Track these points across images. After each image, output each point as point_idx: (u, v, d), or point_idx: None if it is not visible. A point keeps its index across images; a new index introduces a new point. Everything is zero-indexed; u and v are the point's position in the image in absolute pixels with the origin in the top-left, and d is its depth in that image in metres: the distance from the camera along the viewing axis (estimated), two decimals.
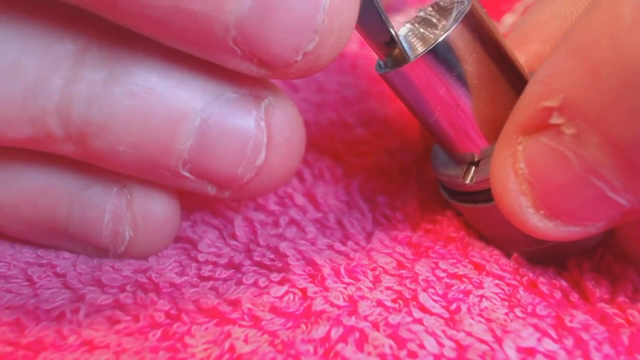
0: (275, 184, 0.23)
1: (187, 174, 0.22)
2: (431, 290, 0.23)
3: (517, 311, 0.22)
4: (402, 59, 0.23)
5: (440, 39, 0.22)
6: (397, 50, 0.23)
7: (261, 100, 0.22)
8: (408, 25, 0.24)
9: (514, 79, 0.23)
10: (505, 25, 0.35)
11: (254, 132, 0.22)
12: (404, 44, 0.23)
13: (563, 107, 0.19)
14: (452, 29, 0.22)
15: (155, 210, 0.24)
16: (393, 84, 0.23)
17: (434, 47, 0.22)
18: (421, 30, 0.24)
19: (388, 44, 0.23)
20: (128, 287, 0.24)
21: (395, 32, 0.23)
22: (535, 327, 0.21)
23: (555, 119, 0.19)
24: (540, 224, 0.21)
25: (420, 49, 0.23)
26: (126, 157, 0.22)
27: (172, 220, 0.25)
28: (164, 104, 0.21)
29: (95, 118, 0.21)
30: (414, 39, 0.24)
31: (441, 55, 0.22)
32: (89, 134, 0.21)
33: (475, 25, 0.22)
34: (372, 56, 0.36)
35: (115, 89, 0.21)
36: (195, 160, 0.22)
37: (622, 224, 0.21)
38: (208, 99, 0.21)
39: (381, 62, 0.24)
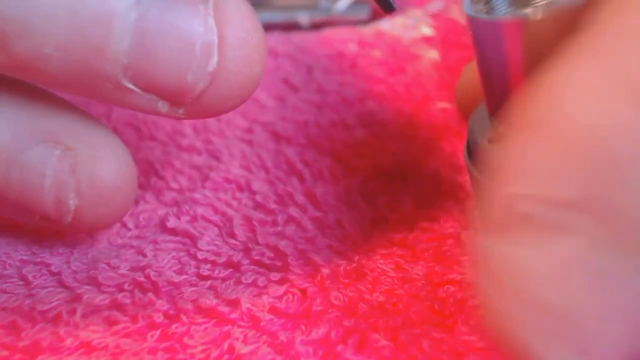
0: (234, 96, 0.21)
1: (130, 85, 0.20)
2: (428, 295, 0.23)
3: None
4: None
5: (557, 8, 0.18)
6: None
7: None
8: None
9: None
10: None
11: (201, 30, 0.19)
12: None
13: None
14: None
15: (104, 176, 0.22)
16: (478, 33, 0.20)
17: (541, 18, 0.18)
18: None
19: None
20: (126, 286, 0.24)
21: None
22: None
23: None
24: None
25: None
26: (57, 64, 0.19)
27: (124, 188, 0.22)
28: None
29: (13, 13, 0.18)
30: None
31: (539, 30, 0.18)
32: (9, 34, 0.19)
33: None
34: (372, 56, 0.36)
35: None
36: (136, 66, 0.19)
37: None
38: None
39: (472, 4, 0.20)
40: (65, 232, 0.25)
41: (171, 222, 0.26)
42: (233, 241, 0.26)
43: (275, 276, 0.24)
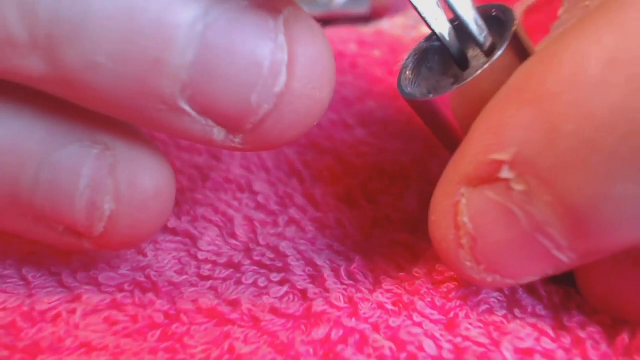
0: (300, 123, 0.19)
1: (186, 107, 0.18)
2: (429, 294, 0.23)
3: (516, 312, 0.22)
4: (421, 81, 0.22)
5: (479, 72, 0.20)
6: (410, 73, 0.22)
7: (279, 11, 0.18)
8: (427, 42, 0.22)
9: None
10: None
11: (271, 47, 0.17)
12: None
13: (514, 161, 0.18)
14: (492, 60, 0.20)
15: (145, 179, 0.20)
16: (419, 110, 0.22)
17: (470, 81, 0.20)
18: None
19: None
20: (126, 286, 0.24)
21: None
22: (534, 327, 0.21)
23: (505, 174, 0.18)
24: (478, 277, 0.20)
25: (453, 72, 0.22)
26: (107, 77, 0.17)
27: (164, 194, 0.21)
28: (153, 3, 0.17)
29: (66, 15, 0.17)
30: (439, 57, 0.22)
31: (477, 88, 0.20)
32: (60, 38, 0.17)
33: (518, 54, 0.20)
34: (372, 56, 0.36)
35: None
36: (197, 85, 0.18)
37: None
38: (209, 2, 0.17)
39: (404, 85, 0.22)
40: (86, 250, 0.24)
41: (172, 222, 0.26)
42: (234, 241, 0.26)
43: (275, 277, 0.24)
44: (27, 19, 0.17)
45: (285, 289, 0.23)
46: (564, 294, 0.23)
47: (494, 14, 0.21)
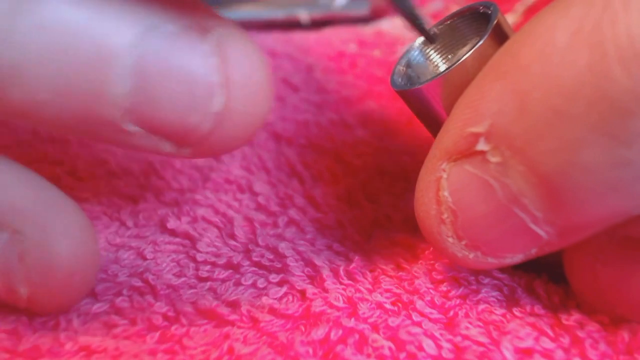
0: (241, 135, 0.20)
1: (133, 128, 0.19)
2: (429, 293, 0.23)
3: (516, 311, 0.22)
4: (414, 75, 0.22)
5: (463, 57, 0.20)
6: (404, 68, 0.22)
7: (208, 32, 0.19)
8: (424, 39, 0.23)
9: None
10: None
11: (202, 70, 0.18)
12: (420, 58, 0.23)
13: (489, 133, 0.18)
14: (476, 46, 0.20)
15: (56, 262, 0.20)
16: (409, 101, 0.22)
17: (455, 66, 0.21)
18: (438, 42, 0.23)
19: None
20: (124, 292, 0.24)
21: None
22: (533, 326, 0.21)
23: (481, 146, 0.19)
24: (460, 254, 0.20)
25: (440, 63, 0.23)
26: (52, 110, 0.18)
27: (79, 272, 0.21)
28: (85, 38, 0.18)
29: (4, 59, 0.17)
30: (433, 52, 0.23)
31: (462, 74, 0.21)
32: (2, 81, 0.18)
33: (501, 42, 0.21)
34: (372, 56, 0.36)
35: (20, 22, 0.17)
36: (138, 110, 0.18)
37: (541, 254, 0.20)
38: (139, 32, 0.18)
39: (396, 78, 0.23)
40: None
41: (171, 223, 0.26)
42: (233, 242, 0.26)
43: (274, 278, 0.24)
44: None
45: (284, 289, 0.23)
46: (563, 293, 0.23)
47: (481, 10, 0.22)
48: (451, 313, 0.22)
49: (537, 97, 0.17)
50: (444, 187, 0.20)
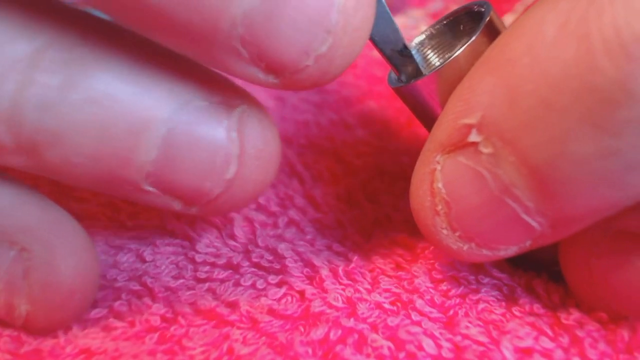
0: (247, 198, 0.21)
1: (150, 189, 0.20)
2: (428, 292, 0.23)
3: (515, 310, 0.22)
4: (416, 73, 0.22)
5: (457, 52, 0.21)
6: (410, 67, 0.23)
7: (233, 109, 0.20)
8: (421, 38, 0.24)
9: None
10: (506, 25, 0.35)
11: (224, 143, 0.20)
12: (418, 57, 0.23)
13: (481, 124, 0.19)
14: (468, 42, 0.21)
15: (58, 281, 0.21)
16: (406, 98, 0.23)
17: (449, 62, 0.21)
18: (434, 42, 0.23)
19: (402, 52, 0.22)
20: (123, 296, 0.24)
21: (405, 42, 0.22)
22: (533, 326, 0.21)
23: (473, 137, 0.19)
24: (454, 246, 0.21)
25: (437, 63, 0.23)
26: (83, 170, 0.20)
27: (79, 291, 0.22)
28: (126, 112, 0.19)
29: (48, 126, 0.19)
30: (429, 51, 0.23)
31: (456, 70, 0.21)
32: (42, 144, 0.19)
33: (493, 38, 0.21)
34: (372, 56, 0.36)
35: (72, 95, 0.19)
36: (159, 174, 0.20)
37: (535, 248, 0.20)
38: (175, 107, 0.20)
39: (393, 76, 0.23)
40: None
41: (171, 224, 0.26)
42: (233, 243, 0.26)
43: (273, 279, 0.24)
44: (14, 132, 0.19)
45: (283, 290, 0.23)
46: (563, 292, 0.23)
47: (475, 9, 0.22)
48: (451, 312, 0.22)
49: (526, 89, 0.18)
50: (438, 179, 0.20)
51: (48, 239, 0.21)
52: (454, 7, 0.24)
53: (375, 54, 0.36)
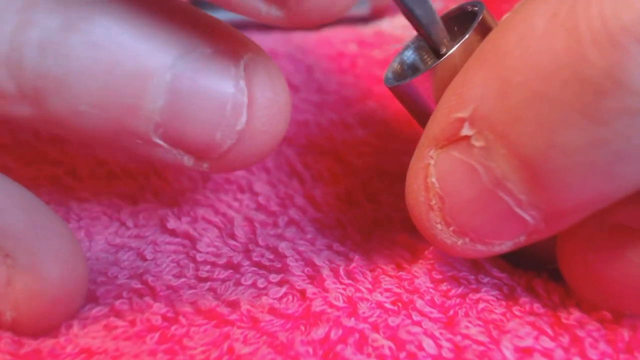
0: (259, 153, 0.21)
1: (159, 141, 0.20)
2: (428, 292, 0.23)
3: (515, 310, 0.22)
4: (408, 73, 0.23)
5: (450, 51, 0.21)
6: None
7: (240, 57, 0.20)
8: (416, 38, 0.24)
9: None
10: None
11: (232, 91, 0.20)
12: (414, 57, 0.23)
13: (473, 118, 0.19)
14: (461, 41, 0.21)
15: (43, 288, 0.21)
16: (401, 97, 0.23)
17: (443, 60, 0.21)
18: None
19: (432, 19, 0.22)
20: (124, 294, 0.24)
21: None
22: (533, 325, 0.21)
23: (466, 131, 0.19)
24: (449, 241, 0.21)
25: (430, 62, 0.23)
26: (89, 121, 0.19)
27: (65, 298, 0.21)
28: (129, 56, 0.19)
29: (51, 70, 0.18)
30: (424, 52, 0.24)
31: (450, 68, 0.21)
32: (45, 90, 0.19)
33: (486, 36, 0.21)
34: (372, 56, 0.36)
35: (73, 38, 0.18)
36: (168, 124, 0.20)
37: (529, 243, 0.20)
38: (179, 53, 0.19)
39: (389, 75, 0.23)
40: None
41: (171, 223, 0.26)
42: (233, 242, 0.26)
43: (274, 277, 0.24)
44: (15, 76, 0.19)
45: (284, 289, 0.23)
46: (563, 292, 0.23)
47: (469, 9, 0.23)
48: (451, 312, 0.22)
49: (517, 81, 0.18)
50: (431, 174, 0.20)
51: (32, 244, 0.21)
52: (453, 6, 0.24)
53: (376, 54, 0.37)
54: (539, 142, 0.18)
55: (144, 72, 0.19)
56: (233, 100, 0.20)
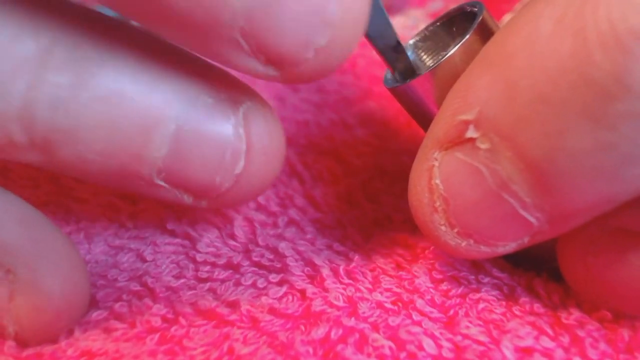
0: (254, 192, 0.22)
1: (161, 183, 0.21)
2: (429, 292, 0.23)
3: (515, 310, 0.22)
4: (410, 71, 0.23)
5: (451, 52, 0.21)
6: (403, 64, 0.23)
7: (239, 105, 0.21)
8: (415, 39, 0.24)
9: None
10: (503, 24, 0.34)
11: (232, 139, 0.21)
12: (412, 57, 0.23)
13: (478, 120, 0.19)
14: (462, 42, 0.21)
15: (44, 303, 0.21)
16: (401, 98, 0.23)
17: (443, 61, 0.21)
18: (428, 44, 0.24)
19: (396, 48, 0.22)
20: (124, 297, 0.24)
21: (398, 38, 0.22)
22: (533, 325, 0.21)
23: (471, 133, 0.19)
24: (452, 242, 0.21)
25: (431, 63, 0.23)
26: (96, 167, 0.20)
27: (67, 311, 0.22)
28: (136, 109, 0.20)
29: (61, 125, 0.19)
30: (422, 53, 0.24)
31: (451, 69, 0.21)
32: (55, 142, 0.20)
33: (486, 37, 0.21)
34: (372, 56, 0.36)
35: (83, 93, 0.19)
36: (170, 169, 0.21)
37: (531, 244, 0.21)
38: (184, 104, 0.20)
39: (389, 76, 0.23)
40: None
41: (171, 224, 0.26)
42: (233, 242, 0.26)
43: (274, 277, 0.24)
44: (27, 129, 0.19)
45: (284, 289, 0.23)
46: (563, 292, 0.23)
47: (468, 10, 0.23)
48: (451, 312, 0.22)
49: (523, 84, 0.18)
50: (435, 175, 0.20)
51: (33, 259, 0.21)
52: (453, 6, 0.24)
53: (376, 54, 0.37)
54: (545, 145, 0.18)
55: (150, 123, 0.20)
56: (232, 147, 0.21)
